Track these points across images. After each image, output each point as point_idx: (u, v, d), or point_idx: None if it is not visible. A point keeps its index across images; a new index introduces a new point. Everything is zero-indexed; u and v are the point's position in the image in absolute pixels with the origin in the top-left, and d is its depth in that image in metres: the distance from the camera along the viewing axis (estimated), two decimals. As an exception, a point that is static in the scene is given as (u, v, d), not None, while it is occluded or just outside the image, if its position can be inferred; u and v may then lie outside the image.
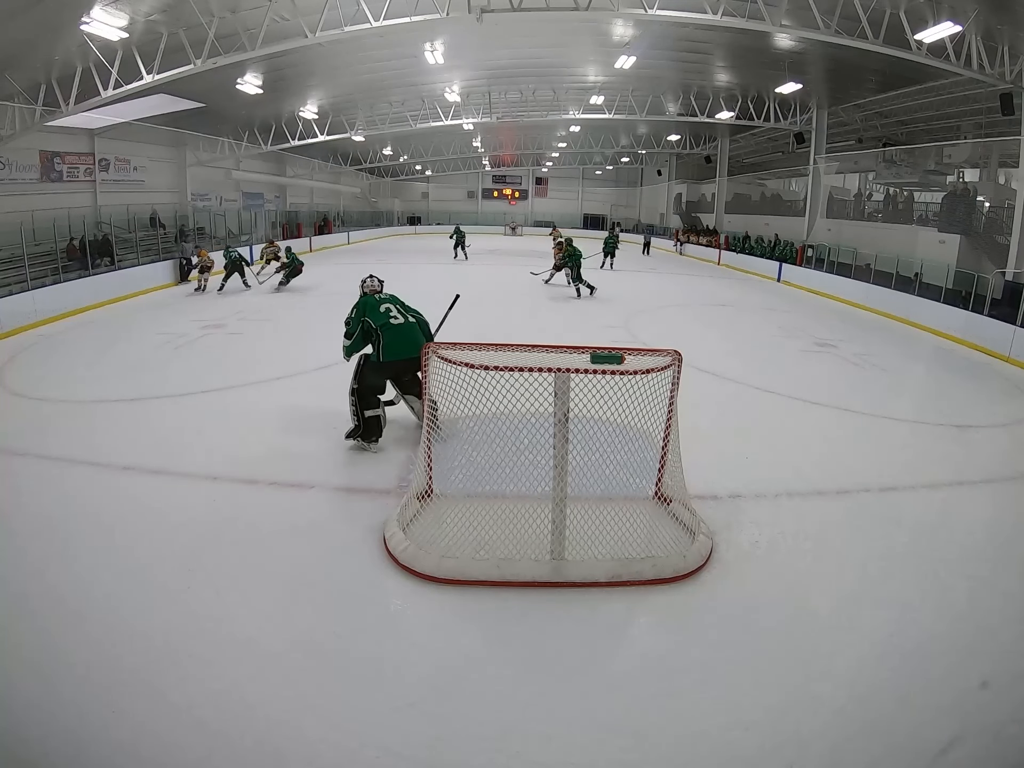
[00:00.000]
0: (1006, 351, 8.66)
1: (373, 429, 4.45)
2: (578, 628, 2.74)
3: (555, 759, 2.11)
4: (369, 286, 4.78)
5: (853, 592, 3.07)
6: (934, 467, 4.71)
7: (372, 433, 4.45)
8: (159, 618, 2.69)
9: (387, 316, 4.40)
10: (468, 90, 16.47)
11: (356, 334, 4.46)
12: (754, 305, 12.55)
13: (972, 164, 14.38)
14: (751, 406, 5.94)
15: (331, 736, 2.15)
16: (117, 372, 6.49)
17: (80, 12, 7.94)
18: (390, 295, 4.68)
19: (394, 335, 4.35)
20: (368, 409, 4.39)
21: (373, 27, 8.71)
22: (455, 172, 32.33)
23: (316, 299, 11.54)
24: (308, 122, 17.76)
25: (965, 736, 2.21)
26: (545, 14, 8.56)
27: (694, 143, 23.73)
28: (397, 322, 4.41)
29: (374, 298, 4.58)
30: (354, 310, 4.52)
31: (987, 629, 2.82)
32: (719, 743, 2.18)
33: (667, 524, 3.42)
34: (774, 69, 13.26)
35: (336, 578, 3.04)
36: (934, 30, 8.80)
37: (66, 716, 2.18)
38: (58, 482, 3.96)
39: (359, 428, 4.43)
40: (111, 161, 15.01)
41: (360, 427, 4.42)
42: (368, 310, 4.44)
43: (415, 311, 4.64)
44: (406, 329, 4.41)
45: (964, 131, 14.57)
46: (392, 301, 4.57)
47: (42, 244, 11.04)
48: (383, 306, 4.46)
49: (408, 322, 4.47)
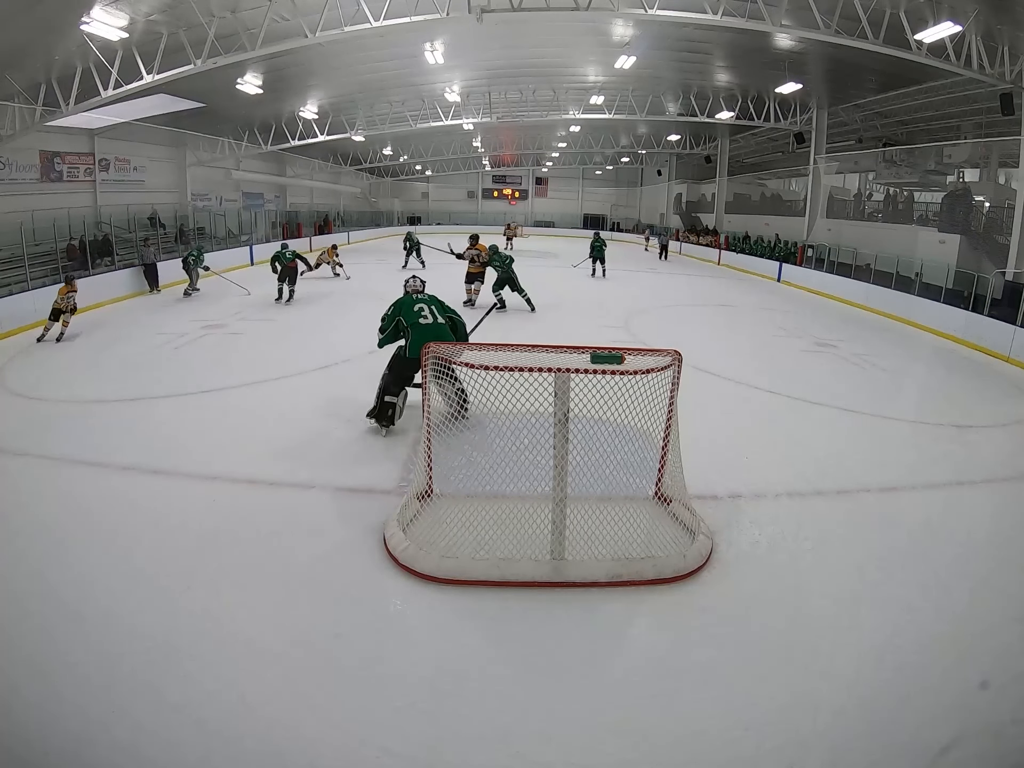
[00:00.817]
0: (1006, 351, 8.66)
1: (384, 413, 4.76)
2: (578, 628, 2.74)
3: (555, 759, 2.11)
4: (411, 286, 5.11)
5: (853, 592, 3.06)
6: (934, 467, 4.71)
7: (383, 417, 4.78)
8: (159, 618, 2.69)
9: (418, 316, 4.73)
10: (468, 90, 16.46)
11: (388, 329, 4.82)
12: (754, 305, 12.55)
13: (972, 164, 14.38)
14: (751, 406, 5.94)
15: (331, 736, 2.15)
16: (117, 372, 6.49)
17: (80, 12, 7.94)
18: (429, 296, 4.97)
19: (421, 334, 4.60)
20: (388, 395, 4.75)
21: (373, 27, 8.71)
22: (455, 172, 32.30)
23: (316, 299, 11.54)
24: (308, 122, 17.75)
25: (965, 736, 2.22)
26: (545, 14, 8.56)
27: (694, 143, 23.72)
28: (426, 322, 4.70)
29: (411, 297, 4.89)
30: (391, 307, 4.86)
31: (987, 629, 2.82)
32: (719, 743, 2.18)
33: (667, 524, 3.42)
34: (774, 69, 13.25)
35: (336, 578, 3.04)
36: (934, 30, 8.80)
37: (66, 716, 2.18)
38: (58, 482, 3.96)
39: (375, 409, 4.79)
40: (111, 161, 15.01)
41: (376, 408, 4.78)
42: (403, 308, 4.79)
43: (453, 312, 4.94)
44: (433, 329, 4.68)
45: (964, 131, 14.57)
46: (429, 302, 4.85)
47: (42, 244, 11.04)
48: (417, 306, 4.79)
49: (437, 323, 4.74)
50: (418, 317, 4.71)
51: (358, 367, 6.82)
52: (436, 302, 4.89)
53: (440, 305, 4.89)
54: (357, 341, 7.81)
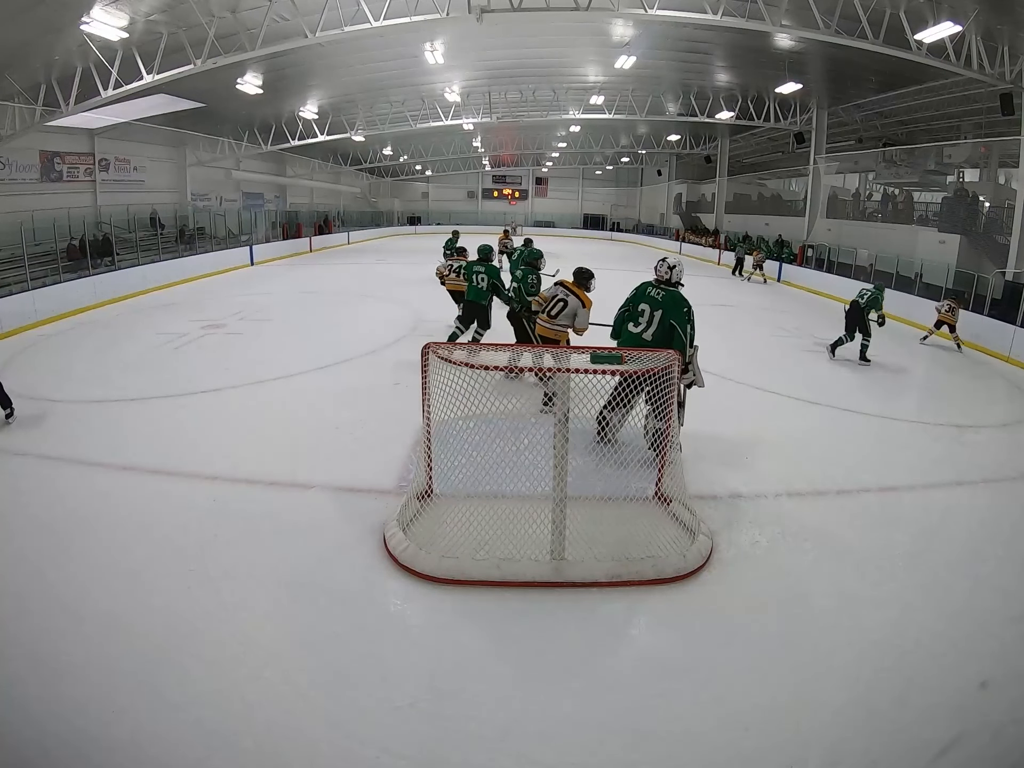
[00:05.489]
0: (1006, 351, 8.66)
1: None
2: (578, 628, 2.74)
3: (555, 759, 2.11)
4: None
5: (853, 592, 3.06)
6: (934, 467, 4.71)
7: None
8: (159, 618, 2.69)
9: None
10: (468, 90, 16.47)
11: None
12: (754, 305, 12.55)
13: (972, 164, 14.39)
14: (751, 406, 5.94)
15: (331, 736, 2.15)
16: (117, 372, 6.49)
17: (80, 12, 7.94)
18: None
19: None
20: None
21: (373, 27, 8.71)
22: (455, 172, 32.32)
23: (316, 299, 11.55)
24: (308, 122, 17.76)
25: (965, 736, 2.22)
26: (545, 14, 8.56)
27: (694, 143, 23.73)
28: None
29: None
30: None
31: (987, 629, 2.82)
32: (719, 743, 2.18)
33: (667, 524, 3.42)
34: (774, 69, 13.26)
35: (336, 578, 3.04)
36: (934, 30, 8.80)
37: (66, 716, 2.18)
38: (58, 482, 3.96)
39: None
40: (111, 161, 15.01)
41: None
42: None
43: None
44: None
45: (964, 131, 14.58)
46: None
47: (42, 244, 11.02)
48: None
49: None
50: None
51: (358, 367, 6.83)
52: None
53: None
54: (357, 341, 7.83)
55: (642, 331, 4.25)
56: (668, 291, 4.27)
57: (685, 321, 4.16)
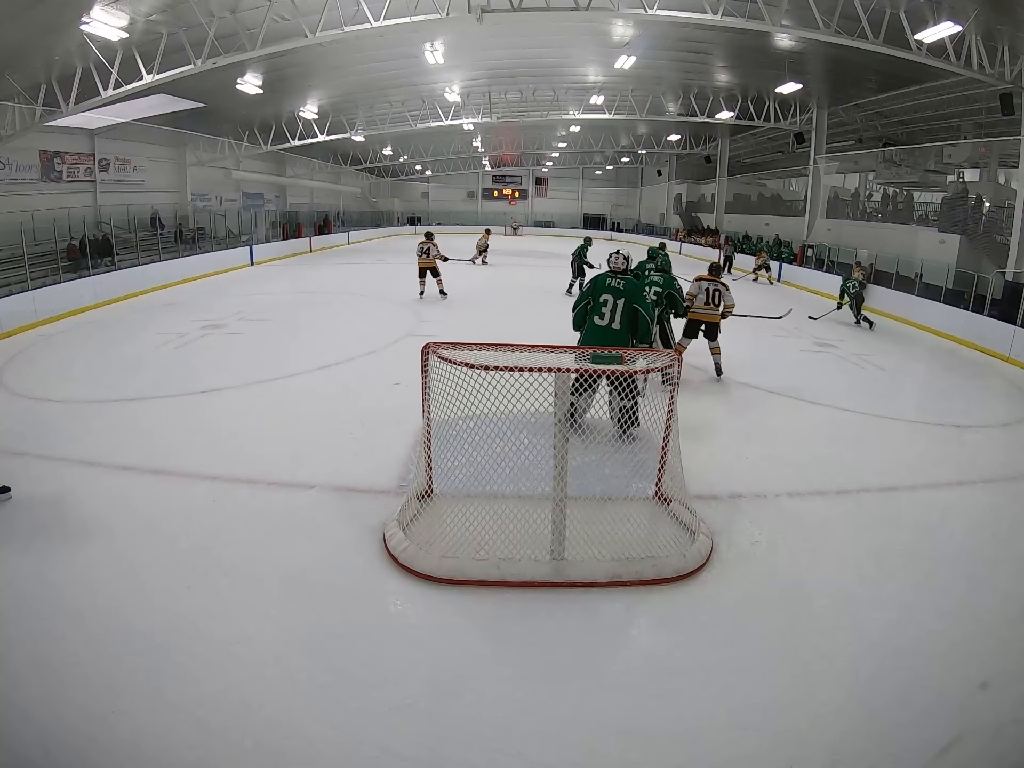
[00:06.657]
0: (1006, 351, 8.66)
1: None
2: (578, 628, 2.74)
3: (555, 759, 2.11)
4: (614, 263, 4.71)
5: (853, 592, 3.06)
6: (934, 467, 4.71)
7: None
8: (159, 618, 2.69)
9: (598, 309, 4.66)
10: (468, 90, 16.47)
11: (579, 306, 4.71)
12: (754, 306, 12.52)
13: (972, 164, 14.39)
14: (751, 406, 5.94)
15: (331, 736, 2.15)
16: (116, 372, 6.49)
17: (80, 12, 7.94)
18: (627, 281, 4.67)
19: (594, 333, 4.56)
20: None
21: (373, 27, 8.71)
22: (455, 172, 32.31)
23: (316, 299, 11.54)
24: (308, 122, 17.75)
25: (965, 736, 2.22)
26: (545, 14, 8.56)
27: (694, 143, 23.72)
28: (601, 323, 4.50)
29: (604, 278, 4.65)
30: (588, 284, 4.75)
31: (987, 629, 2.82)
32: (719, 743, 2.18)
33: (667, 524, 3.42)
34: (774, 69, 13.25)
35: (336, 578, 3.04)
36: (934, 30, 8.80)
37: (66, 716, 2.18)
38: (57, 482, 3.95)
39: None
40: (111, 161, 15.01)
41: None
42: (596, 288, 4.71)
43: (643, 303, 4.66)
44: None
45: (964, 131, 14.57)
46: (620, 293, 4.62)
47: (42, 244, 11.02)
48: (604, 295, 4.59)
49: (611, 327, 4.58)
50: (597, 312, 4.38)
51: (358, 367, 6.83)
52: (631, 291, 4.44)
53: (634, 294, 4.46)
54: (357, 341, 7.83)
55: (609, 322, 4.43)
56: (627, 279, 4.53)
57: (647, 304, 4.53)
